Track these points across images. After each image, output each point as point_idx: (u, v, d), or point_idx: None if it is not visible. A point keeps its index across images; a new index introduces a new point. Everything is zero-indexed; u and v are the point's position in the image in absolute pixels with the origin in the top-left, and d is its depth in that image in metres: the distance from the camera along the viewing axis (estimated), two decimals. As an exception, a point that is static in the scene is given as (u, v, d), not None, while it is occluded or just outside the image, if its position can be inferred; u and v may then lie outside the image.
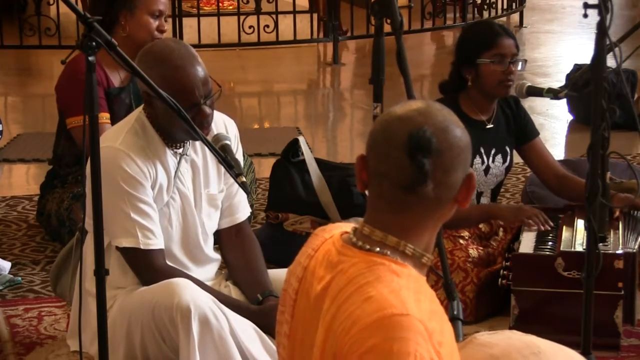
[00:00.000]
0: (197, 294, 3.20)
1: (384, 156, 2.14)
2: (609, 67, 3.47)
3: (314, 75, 9.51)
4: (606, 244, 3.95)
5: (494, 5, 10.68)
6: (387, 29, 3.58)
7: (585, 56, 7.06)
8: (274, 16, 9.26)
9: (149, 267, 3.34)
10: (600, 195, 3.41)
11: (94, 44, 2.66)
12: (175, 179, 3.40)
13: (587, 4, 3.33)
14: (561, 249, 3.97)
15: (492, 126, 4.43)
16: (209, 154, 3.45)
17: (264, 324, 3.28)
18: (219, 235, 3.59)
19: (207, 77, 3.32)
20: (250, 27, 9.22)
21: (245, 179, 3.24)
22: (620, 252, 3.91)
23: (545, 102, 7.10)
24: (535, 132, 4.55)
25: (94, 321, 2.80)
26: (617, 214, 4.21)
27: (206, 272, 3.53)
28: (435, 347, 2.03)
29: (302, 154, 4.85)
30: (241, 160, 3.40)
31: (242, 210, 3.60)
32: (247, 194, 3.47)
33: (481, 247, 4.27)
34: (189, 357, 3.14)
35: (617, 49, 3.41)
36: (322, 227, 2.33)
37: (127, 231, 3.31)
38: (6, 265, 4.58)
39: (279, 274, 3.38)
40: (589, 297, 3.47)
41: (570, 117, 7.22)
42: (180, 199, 3.42)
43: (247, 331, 3.26)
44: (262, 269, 3.52)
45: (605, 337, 3.80)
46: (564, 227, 4.18)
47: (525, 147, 4.53)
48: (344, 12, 9.57)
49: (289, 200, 4.77)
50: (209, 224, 3.52)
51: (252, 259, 3.54)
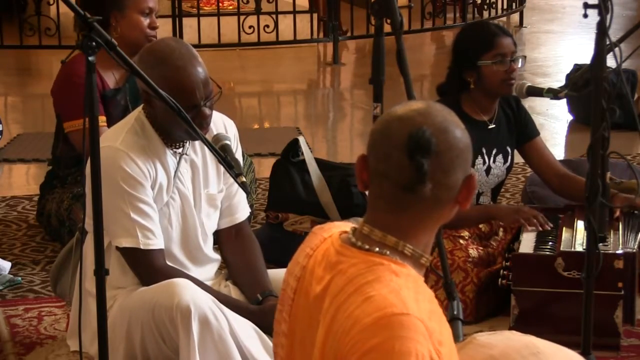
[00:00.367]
0: (197, 294, 3.19)
1: (384, 156, 2.14)
2: (609, 67, 3.47)
3: (314, 75, 9.50)
4: (606, 244, 3.94)
5: (494, 5, 10.69)
6: (387, 29, 3.58)
7: (585, 56, 7.04)
8: (274, 16, 9.26)
9: (149, 267, 3.34)
10: (600, 195, 3.41)
11: (94, 44, 2.66)
12: (175, 179, 3.39)
13: (587, 4, 3.33)
14: (561, 249, 3.97)
15: (494, 126, 4.43)
16: (208, 154, 3.44)
17: (264, 323, 3.28)
18: (218, 235, 3.59)
19: (207, 78, 3.32)
20: (250, 27, 9.22)
21: (245, 179, 3.24)
22: (620, 252, 3.91)
23: (545, 102, 7.10)
24: (535, 132, 4.55)
25: (94, 321, 2.80)
26: (617, 214, 4.21)
27: (206, 272, 3.53)
28: (435, 346, 2.04)
29: (302, 154, 4.85)
30: (241, 160, 3.40)
31: (241, 210, 3.60)
32: (247, 194, 3.47)
33: (481, 247, 4.27)
34: (189, 357, 3.14)
35: (617, 49, 3.41)
36: (320, 226, 2.32)
37: (127, 231, 3.30)
38: (6, 265, 4.57)
39: (279, 274, 3.38)
40: (589, 297, 3.47)
41: (570, 117, 7.22)
42: (180, 199, 3.42)
43: (247, 331, 3.26)
44: (262, 269, 3.51)
45: (605, 337, 3.80)
46: (564, 227, 4.18)
47: (526, 147, 4.54)
48: (344, 12, 9.57)
49: (289, 200, 4.76)
50: (209, 224, 3.52)
51: (251, 259, 3.54)
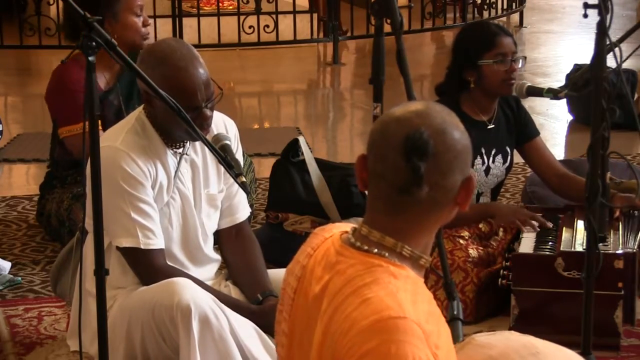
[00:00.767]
0: (198, 293, 3.19)
1: (381, 157, 2.14)
2: (609, 67, 3.47)
3: (314, 75, 9.50)
4: (606, 244, 3.94)
5: (494, 5, 10.69)
6: (387, 29, 3.58)
7: (585, 56, 7.04)
8: (274, 16, 9.26)
9: (149, 267, 3.34)
10: (600, 195, 3.41)
11: (94, 44, 2.66)
12: (175, 179, 3.39)
13: (587, 4, 3.33)
14: (561, 249, 3.97)
15: (493, 126, 4.43)
16: (208, 154, 3.44)
17: (264, 323, 3.28)
18: (218, 235, 3.59)
19: (209, 80, 3.31)
20: (250, 27, 9.22)
21: (245, 179, 3.24)
22: (620, 252, 3.91)
23: (545, 102, 7.10)
24: (535, 132, 4.55)
25: (94, 321, 2.80)
26: (617, 214, 4.21)
27: (206, 273, 3.52)
28: (432, 349, 2.04)
29: (302, 154, 4.85)
30: (241, 160, 3.40)
31: (242, 210, 3.60)
32: (247, 194, 3.47)
33: (481, 247, 4.26)
34: (189, 356, 3.13)
35: (617, 49, 3.41)
36: (321, 227, 2.33)
37: (127, 231, 3.30)
38: (6, 265, 4.57)
39: (279, 274, 3.37)
40: (589, 297, 3.47)
41: (570, 117, 7.22)
42: (180, 199, 3.42)
43: (247, 330, 3.26)
44: (262, 269, 3.51)
45: (605, 337, 3.80)
46: (564, 227, 4.18)
47: (526, 147, 4.54)
48: (344, 12, 9.57)
49: (289, 200, 4.76)
50: (209, 224, 3.52)
51: (252, 259, 3.53)
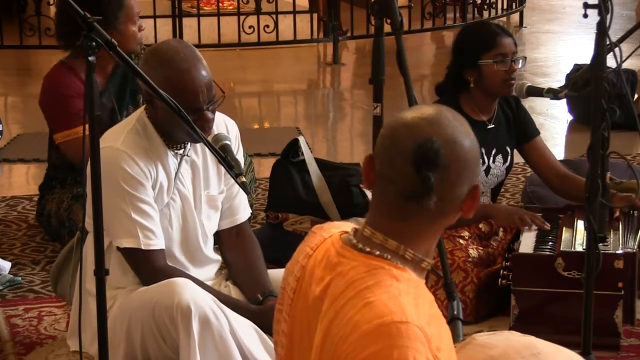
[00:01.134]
0: (198, 293, 3.19)
1: (390, 162, 2.11)
2: (609, 67, 3.47)
3: (314, 75, 9.50)
4: (606, 244, 3.94)
5: (494, 5, 10.69)
6: (387, 29, 3.58)
7: (585, 56, 7.04)
8: (274, 16, 9.26)
9: (149, 268, 3.34)
10: (600, 195, 3.41)
11: (94, 44, 2.66)
12: (175, 180, 3.39)
13: (587, 4, 3.33)
14: (561, 249, 3.97)
15: (493, 126, 4.43)
16: (209, 155, 3.44)
17: (264, 323, 3.27)
18: (219, 236, 3.59)
19: (211, 82, 3.30)
20: (250, 27, 9.22)
21: (245, 179, 3.23)
22: (620, 252, 3.91)
23: (545, 102, 7.09)
24: (535, 132, 4.55)
25: (94, 321, 2.80)
26: (617, 214, 4.21)
27: (206, 273, 3.52)
28: (433, 352, 2.03)
29: (302, 154, 4.85)
30: (242, 160, 3.39)
31: (242, 211, 3.60)
32: (247, 194, 3.47)
33: (481, 247, 4.26)
34: (189, 356, 3.13)
35: (617, 49, 3.41)
36: (319, 226, 2.30)
37: (128, 231, 3.30)
38: (6, 265, 4.57)
39: (279, 274, 3.36)
40: (589, 297, 3.47)
41: (570, 117, 7.22)
42: (180, 200, 3.42)
43: (247, 331, 3.26)
44: (262, 270, 3.51)
45: (605, 337, 3.80)
46: (564, 227, 4.17)
47: (526, 147, 4.54)
48: (344, 12, 9.57)
49: (289, 200, 4.76)
50: (209, 225, 3.51)
51: (252, 259, 3.53)
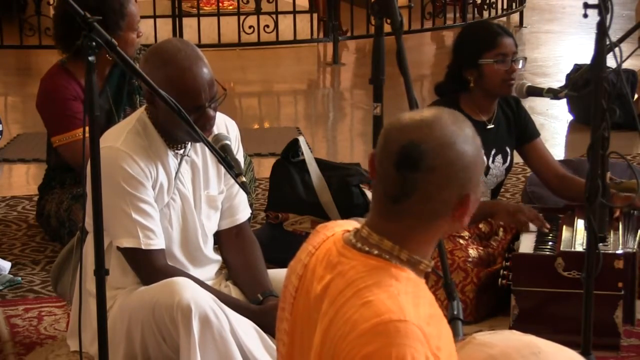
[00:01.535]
0: (198, 293, 3.19)
1: (379, 162, 2.14)
2: (609, 67, 3.47)
3: (314, 75, 9.50)
4: (606, 244, 3.94)
5: (494, 5, 10.69)
6: (387, 29, 3.58)
7: (585, 56, 7.05)
8: (274, 16, 9.26)
9: (150, 267, 3.34)
10: (600, 195, 3.40)
11: (94, 44, 2.66)
12: (175, 180, 3.39)
13: (587, 4, 3.32)
14: (561, 249, 3.97)
15: (492, 126, 4.42)
16: (209, 155, 3.44)
17: (264, 323, 3.28)
18: (219, 236, 3.59)
19: (212, 80, 3.30)
20: (250, 27, 9.22)
21: (245, 179, 3.24)
22: (620, 252, 3.91)
23: (545, 102, 7.09)
24: (536, 133, 4.55)
25: (94, 321, 2.80)
26: (617, 214, 4.21)
27: (206, 273, 3.52)
28: (433, 351, 2.03)
29: (302, 154, 4.85)
30: (241, 160, 3.39)
31: (242, 211, 3.60)
32: (247, 194, 3.47)
33: (481, 247, 4.26)
34: (190, 356, 3.14)
35: (617, 49, 3.41)
36: (323, 224, 2.31)
37: (128, 231, 3.30)
38: (6, 265, 4.57)
39: (279, 274, 3.38)
40: (589, 297, 3.47)
41: (570, 117, 7.21)
42: (180, 200, 3.42)
43: (247, 330, 3.26)
44: (262, 270, 3.51)
45: (605, 337, 3.80)
46: (564, 227, 4.17)
47: (525, 148, 4.53)
48: (344, 12, 9.57)
49: (289, 200, 4.76)
50: (209, 225, 3.51)
51: (252, 259, 3.53)
